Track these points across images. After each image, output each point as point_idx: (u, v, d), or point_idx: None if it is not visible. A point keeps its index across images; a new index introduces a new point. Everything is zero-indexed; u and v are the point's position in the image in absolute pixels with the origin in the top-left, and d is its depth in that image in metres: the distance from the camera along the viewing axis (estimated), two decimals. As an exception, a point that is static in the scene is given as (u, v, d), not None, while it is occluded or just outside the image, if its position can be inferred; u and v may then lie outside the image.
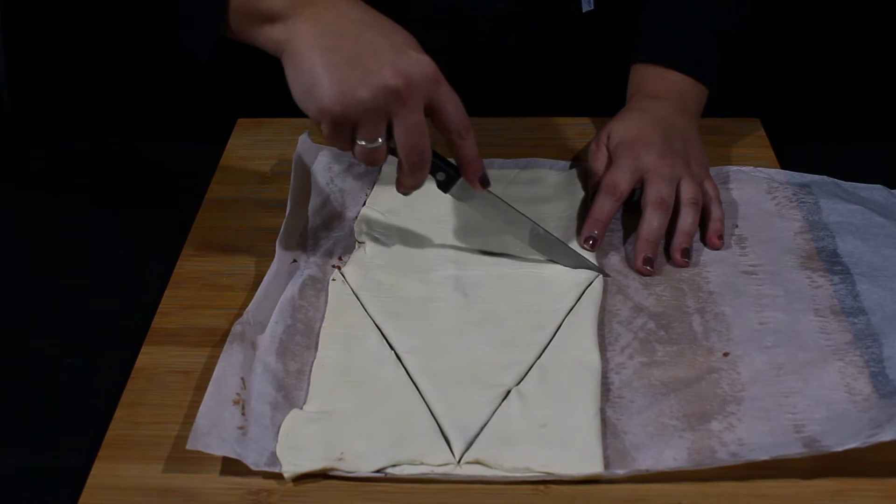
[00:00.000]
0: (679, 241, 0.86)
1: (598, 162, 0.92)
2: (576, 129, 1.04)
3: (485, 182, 0.81)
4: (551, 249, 0.85)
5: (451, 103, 0.76)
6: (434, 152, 0.79)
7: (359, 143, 0.75)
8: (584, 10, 1.02)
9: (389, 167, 0.97)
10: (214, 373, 0.73)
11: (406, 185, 0.79)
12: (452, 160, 0.81)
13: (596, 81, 1.07)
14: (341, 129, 0.75)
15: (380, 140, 0.75)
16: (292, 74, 0.75)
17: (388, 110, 0.74)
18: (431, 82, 0.74)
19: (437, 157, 0.80)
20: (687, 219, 0.87)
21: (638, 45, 0.97)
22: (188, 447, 0.67)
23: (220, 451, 0.67)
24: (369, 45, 0.73)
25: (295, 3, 0.75)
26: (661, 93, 0.95)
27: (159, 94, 1.22)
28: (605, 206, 0.87)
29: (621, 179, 0.87)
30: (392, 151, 0.77)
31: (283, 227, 0.87)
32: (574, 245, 0.86)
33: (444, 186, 0.82)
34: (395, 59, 0.73)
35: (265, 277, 0.82)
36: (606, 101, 0.98)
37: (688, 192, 0.88)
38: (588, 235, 0.86)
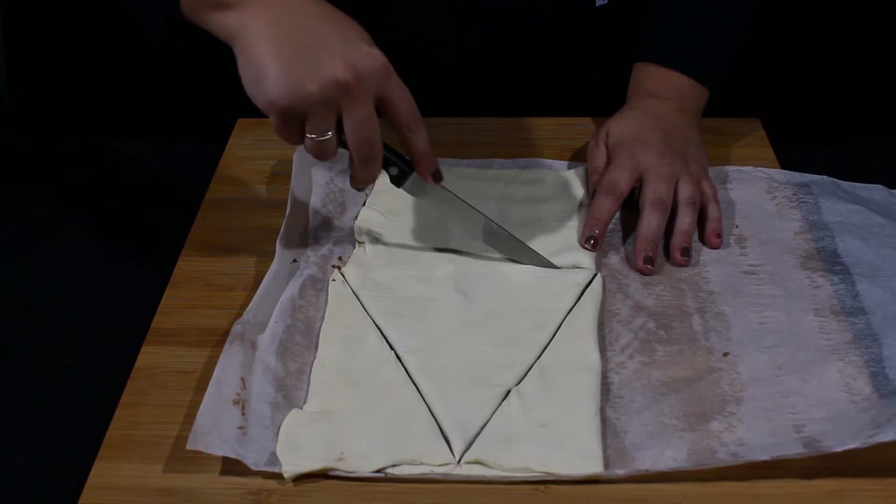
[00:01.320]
0: (678, 240, 0.86)
1: (597, 160, 0.92)
2: (576, 129, 1.04)
3: (437, 177, 0.80)
4: (506, 246, 0.85)
5: (401, 98, 0.76)
6: (387, 146, 0.79)
7: (308, 136, 0.75)
8: (597, 4, 1.02)
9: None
10: (214, 373, 0.73)
11: (358, 180, 0.79)
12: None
13: (599, 81, 1.07)
14: (290, 122, 0.75)
15: (329, 133, 0.75)
16: (242, 65, 0.74)
17: (337, 104, 0.73)
18: (381, 76, 0.74)
19: (390, 151, 0.80)
20: (685, 219, 0.87)
21: (640, 43, 0.97)
22: (188, 447, 0.67)
23: (220, 451, 0.67)
24: (320, 39, 0.73)
25: None
26: (661, 92, 0.95)
27: (159, 94, 1.22)
28: (605, 205, 0.87)
29: (621, 179, 0.87)
30: (343, 145, 0.76)
31: (283, 227, 0.87)
32: (540, 244, 0.86)
33: (397, 181, 0.82)
34: (346, 53, 0.72)
35: (265, 277, 0.82)
36: (608, 100, 0.98)
37: (685, 191, 0.88)
38: (589, 235, 0.86)
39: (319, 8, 0.76)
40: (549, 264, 0.85)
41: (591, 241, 0.86)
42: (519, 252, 0.85)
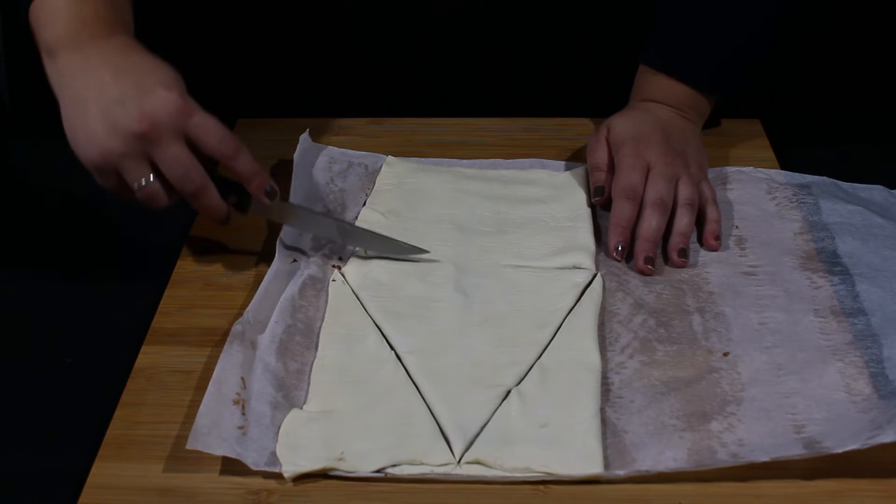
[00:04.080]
0: (675, 241, 0.86)
1: (598, 155, 0.92)
2: (576, 129, 1.04)
3: (270, 194, 0.82)
4: (365, 241, 0.85)
5: (207, 132, 0.78)
6: (224, 178, 0.81)
7: (131, 185, 0.78)
8: None
9: (388, 167, 0.98)
10: (214, 373, 0.73)
11: (205, 214, 0.81)
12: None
13: (599, 82, 1.06)
14: (109, 177, 0.78)
15: (149, 179, 0.77)
16: (63, 121, 0.78)
17: (144, 152, 0.76)
18: (178, 117, 0.76)
19: (225, 182, 0.81)
20: (683, 220, 0.87)
21: (648, 46, 0.96)
22: (188, 447, 0.67)
23: (219, 451, 0.67)
24: (119, 92, 0.76)
25: (64, 43, 0.78)
26: (660, 98, 0.94)
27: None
28: (626, 211, 0.86)
29: (637, 182, 0.87)
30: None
31: (283, 226, 0.87)
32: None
33: (242, 208, 0.83)
34: (141, 104, 0.75)
35: (265, 277, 0.82)
36: (609, 102, 0.98)
37: (684, 193, 0.88)
38: (617, 243, 0.86)
39: (126, 60, 0.79)
40: (415, 250, 0.85)
41: (618, 248, 0.86)
42: (380, 245, 0.85)
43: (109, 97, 0.76)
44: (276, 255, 0.85)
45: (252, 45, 1.09)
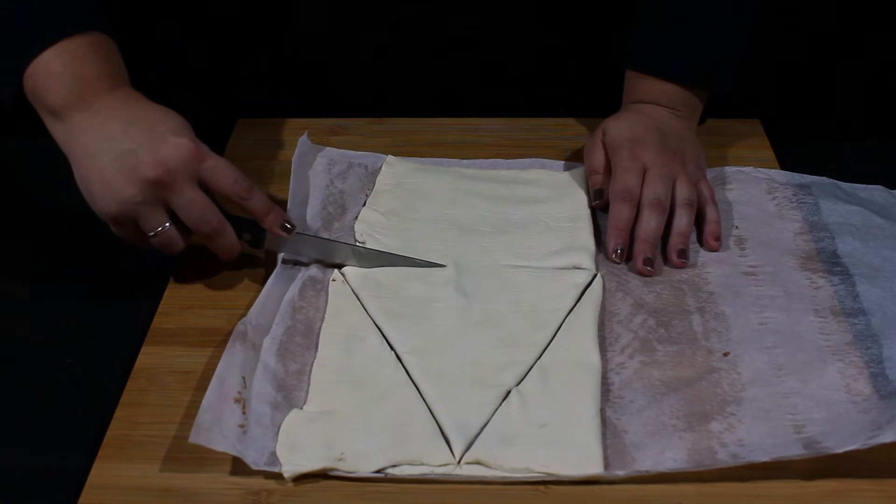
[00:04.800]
0: (675, 242, 0.86)
1: (595, 158, 0.92)
2: (576, 129, 1.04)
3: (287, 228, 0.83)
4: (381, 261, 0.85)
5: (219, 174, 0.80)
6: (235, 217, 0.82)
7: (147, 234, 0.79)
8: None
9: (388, 167, 0.98)
10: (217, 370, 0.73)
11: (221, 255, 0.82)
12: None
13: (599, 82, 1.06)
14: (126, 226, 0.79)
15: (164, 227, 0.79)
16: (77, 178, 0.80)
17: (160, 198, 0.78)
18: (191, 162, 0.78)
19: (237, 220, 0.82)
20: (682, 220, 0.87)
21: (630, 51, 0.96)
22: (190, 440, 0.67)
23: (221, 448, 0.67)
24: (131, 143, 0.77)
25: (70, 104, 0.79)
26: (651, 99, 0.94)
27: (159, 94, 1.22)
28: (623, 213, 0.86)
29: (633, 183, 0.87)
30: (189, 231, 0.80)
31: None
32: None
33: (256, 244, 0.84)
34: (154, 151, 0.77)
35: (268, 281, 0.82)
36: (608, 101, 0.98)
37: (683, 192, 0.88)
38: (615, 246, 0.86)
39: (132, 111, 0.80)
40: (433, 264, 0.85)
41: (617, 251, 0.86)
42: (397, 262, 0.85)
43: (121, 148, 0.77)
44: (279, 260, 0.85)
45: (252, 45, 1.09)
